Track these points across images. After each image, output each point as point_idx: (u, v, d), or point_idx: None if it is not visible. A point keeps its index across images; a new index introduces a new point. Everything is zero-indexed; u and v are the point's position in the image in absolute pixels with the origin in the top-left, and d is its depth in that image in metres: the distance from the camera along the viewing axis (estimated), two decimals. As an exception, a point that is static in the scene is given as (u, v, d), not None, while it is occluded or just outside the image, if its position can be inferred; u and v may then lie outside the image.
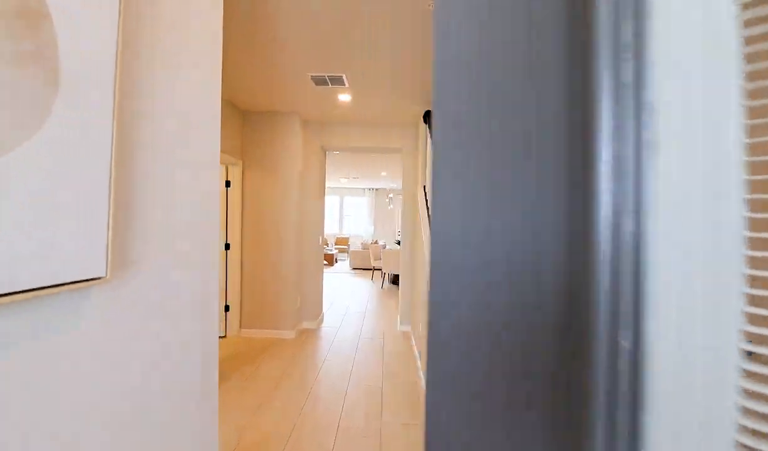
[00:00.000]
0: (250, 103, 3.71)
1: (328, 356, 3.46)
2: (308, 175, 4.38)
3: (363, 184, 11.82)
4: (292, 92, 3.32)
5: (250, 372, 3.07)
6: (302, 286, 4.36)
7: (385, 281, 7.74)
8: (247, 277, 3.97)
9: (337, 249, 11.87)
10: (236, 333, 3.91)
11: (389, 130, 4.32)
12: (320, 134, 4.36)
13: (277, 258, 3.95)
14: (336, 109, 3.81)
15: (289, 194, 3.96)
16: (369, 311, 5.38)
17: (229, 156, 3.63)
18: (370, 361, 3.38)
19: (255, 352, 3.51)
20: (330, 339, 3.98)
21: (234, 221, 3.86)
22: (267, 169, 3.97)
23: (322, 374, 3.07)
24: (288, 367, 3.18)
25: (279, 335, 3.97)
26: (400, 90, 3.21)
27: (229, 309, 3.89)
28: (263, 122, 3.97)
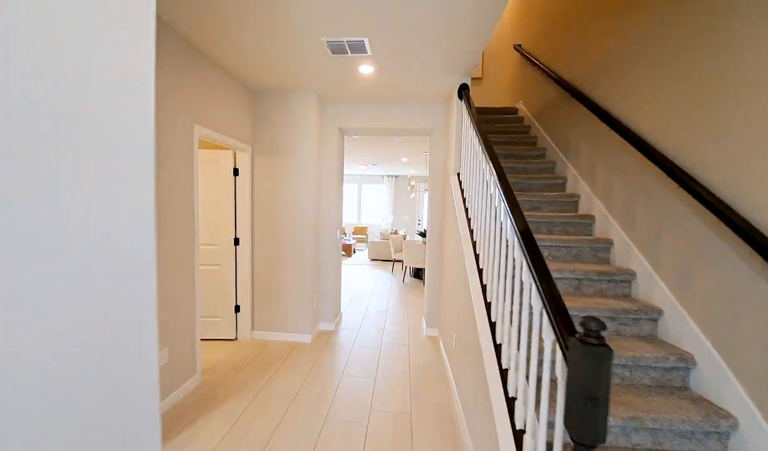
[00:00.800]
0: (260, 80, 3.26)
1: (347, 368, 3.07)
2: (325, 161, 3.93)
3: (382, 171, 11.30)
4: (305, 64, 2.85)
5: (261, 387, 2.71)
6: (319, 284, 3.97)
7: (406, 274, 7.30)
8: (259, 274, 3.61)
9: (355, 239, 11.49)
10: (248, 336, 3.58)
11: (417, 110, 3.79)
12: (338, 115, 3.88)
13: (291, 253, 3.56)
14: (355, 85, 3.31)
15: (304, 183, 3.53)
16: (391, 308, 4.97)
17: (236, 141, 3.22)
18: (395, 375, 2.97)
19: (268, 360, 3.16)
20: (349, 345, 3.59)
21: (243, 213, 3.48)
22: (279, 155, 3.54)
23: (341, 392, 2.67)
24: (302, 382, 2.81)
25: (295, 338, 3.61)
26: (432, 58, 2.68)
27: (240, 310, 3.55)
28: (275, 102, 3.52)
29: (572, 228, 2.72)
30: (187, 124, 2.49)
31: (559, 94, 3.33)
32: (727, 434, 1.52)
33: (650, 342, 1.89)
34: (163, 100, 2.27)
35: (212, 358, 3.16)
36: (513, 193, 1.62)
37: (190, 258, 2.57)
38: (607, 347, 0.85)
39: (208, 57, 2.73)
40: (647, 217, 2.12)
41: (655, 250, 2.05)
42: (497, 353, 1.65)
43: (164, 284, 2.32)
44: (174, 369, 2.44)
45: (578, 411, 0.87)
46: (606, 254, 2.48)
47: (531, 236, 1.38)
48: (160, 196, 2.26)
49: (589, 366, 0.85)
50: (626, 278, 2.21)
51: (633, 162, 2.26)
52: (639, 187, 2.20)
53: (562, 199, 2.92)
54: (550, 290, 1.12)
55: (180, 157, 2.43)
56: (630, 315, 1.96)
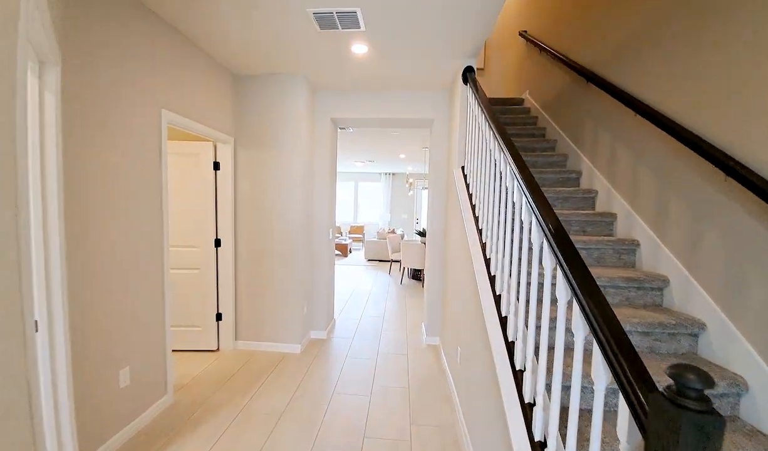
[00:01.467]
0: (242, 63, 2.94)
1: (339, 384, 2.76)
2: (316, 155, 3.62)
3: (379, 168, 10.98)
4: (291, 42, 2.53)
5: (242, 407, 2.40)
6: (310, 288, 3.66)
7: (404, 275, 7.00)
8: (243, 279, 3.29)
9: (352, 238, 11.17)
10: (231, 347, 3.26)
11: (417, 98, 3.48)
12: (331, 105, 3.56)
13: (278, 256, 3.25)
14: (349, 69, 3.00)
15: (293, 178, 3.22)
16: (388, 313, 4.66)
17: (216, 131, 2.90)
18: (392, 392, 2.66)
19: (251, 374, 2.85)
20: (342, 356, 3.28)
21: (225, 212, 3.16)
22: (265, 148, 3.22)
23: (332, 414, 2.36)
24: (289, 401, 2.49)
25: (283, 349, 3.30)
26: (433, 36, 2.37)
27: (222, 318, 3.23)
28: (260, 89, 3.20)
29: (590, 227, 2.43)
30: (152, 108, 2.17)
31: (572, 80, 3.04)
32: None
33: (691, 361, 1.61)
34: (123, 79, 1.95)
35: (189, 373, 2.84)
36: (538, 185, 1.32)
37: (158, 261, 2.25)
38: (717, 414, 0.55)
39: (182, 35, 2.42)
40: (683, 214, 1.83)
41: (693, 251, 1.76)
42: (517, 382, 1.35)
43: (123, 291, 2.00)
44: (138, 390, 2.13)
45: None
46: (631, 257, 2.19)
47: (566, 237, 1.08)
48: (114, 190, 1.94)
49: (687, 444, 0.55)
50: (658, 285, 1.92)
51: (665, 150, 1.97)
52: (673, 179, 1.91)
53: (577, 195, 2.63)
54: (604, 315, 0.82)
55: (143, 146, 2.11)
56: (667, 330, 1.67)
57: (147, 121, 2.14)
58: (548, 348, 1.22)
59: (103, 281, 1.86)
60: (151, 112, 2.16)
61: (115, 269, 1.93)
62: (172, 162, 2.97)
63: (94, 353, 1.82)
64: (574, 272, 0.96)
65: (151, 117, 2.16)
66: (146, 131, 2.13)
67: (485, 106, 2.03)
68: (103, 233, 1.86)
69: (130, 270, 2.03)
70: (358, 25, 2.19)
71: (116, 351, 1.96)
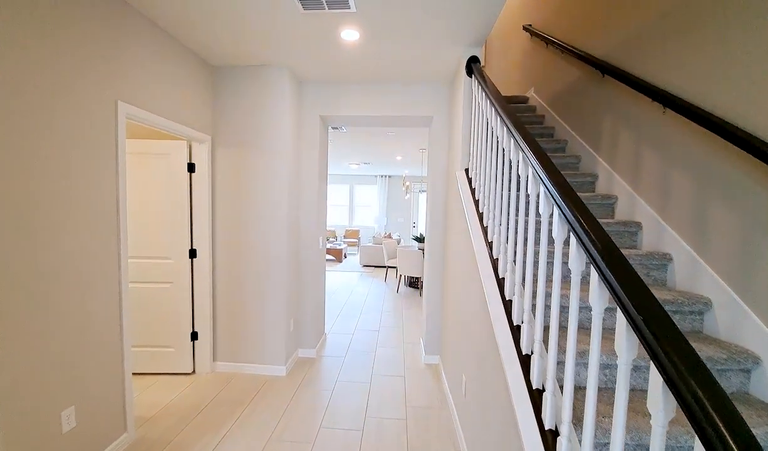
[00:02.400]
0: (219, 51, 2.63)
1: (327, 415, 2.43)
2: (304, 156, 3.31)
3: (375, 170, 10.68)
4: (273, 27, 2.22)
5: (213, 447, 2.07)
6: (298, 302, 3.34)
7: (400, 283, 6.68)
8: (222, 293, 2.96)
9: (347, 243, 10.84)
10: (208, 369, 2.93)
11: (415, 93, 3.18)
12: (320, 100, 3.26)
13: (261, 267, 2.92)
14: (339, 59, 2.70)
15: (278, 182, 2.90)
16: (384, 327, 4.34)
17: (191, 130, 2.59)
18: (387, 425, 2.34)
19: (228, 403, 2.52)
20: (333, 380, 2.95)
21: (201, 219, 2.83)
22: (247, 148, 2.90)
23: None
24: (268, 439, 2.16)
25: (266, 371, 2.97)
26: (434, 18, 2.08)
27: (198, 337, 2.90)
28: (240, 81, 2.89)
29: (612, 238, 2.13)
30: (106, 100, 1.85)
31: (584, 74, 2.77)
32: None
33: (743, 403, 1.32)
34: (66, 66, 1.63)
35: (159, 401, 2.51)
36: (574, 191, 1.02)
37: (113, 276, 1.93)
38: None
39: (147, 19, 2.11)
40: (727, 223, 1.55)
41: (742, 269, 1.48)
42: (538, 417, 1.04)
43: (66, 313, 1.67)
44: (88, 432, 1.79)
45: None
46: (662, 273, 1.91)
47: (621, 257, 0.78)
48: (53, 193, 1.61)
49: None
50: (698, 309, 1.63)
51: (703, 149, 1.69)
52: (713, 182, 1.63)
53: (595, 201, 2.35)
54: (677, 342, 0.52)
55: (93, 143, 1.79)
56: (717, 365, 1.38)
57: (99, 116, 1.82)
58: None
59: (39, 303, 1.53)
60: (103, 103, 1.84)
61: (56, 287, 1.60)
62: (138, 162, 2.64)
63: (26, 393, 1.49)
64: (650, 320, 0.66)
65: (102, 108, 1.84)
66: (97, 125, 1.81)
67: (497, 100, 1.74)
68: (42, 245, 1.53)
69: (75, 287, 1.71)
70: (347, 5, 1.89)
71: (57, 388, 1.63)
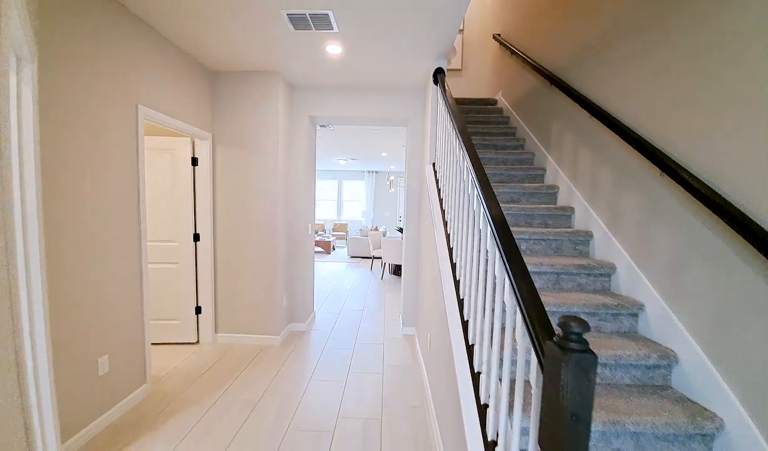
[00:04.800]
0: (219, 60, 2.99)
1: (316, 372, 2.86)
2: (295, 152, 3.69)
3: (362, 166, 11.08)
4: (268, 41, 2.61)
5: (218, 397, 2.47)
6: (290, 282, 3.74)
7: (385, 271, 7.13)
8: (222, 273, 3.34)
9: (335, 236, 11.23)
10: (210, 339, 3.31)
11: (392, 98, 3.60)
12: (309, 103, 3.64)
13: (257, 250, 3.32)
14: (326, 68, 3.09)
15: (272, 175, 3.29)
16: (367, 307, 4.78)
17: (195, 128, 2.95)
18: (367, 378, 2.78)
19: (229, 365, 2.91)
20: (321, 346, 3.38)
21: (204, 207, 3.20)
22: (243, 145, 3.28)
23: (307, 399, 2.46)
24: (266, 388, 2.58)
25: (262, 341, 3.37)
26: (403, 37, 2.49)
27: (201, 311, 3.28)
28: (238, 85, 3.26)
29: (552, 220, 2.60)
30: (129, 104, 2.22)
31: (539, 83, 3.22)
32: (712, 435, 1.41)
33: (632, 339, 1.78)
34: (101, 76, 1.99)
35: (168, 365, 2.89)
36: (486, 177, 1.46)
37: (135, 255, 2.30)
38: (590, 352, 0.69)
39: (156, 31, 2.46)
40: (631, 209, 2.01)
41: (638, 242, 1.94)
42: (469, 355, 1.49)
43: (101, 283, 2.05)
44: (116, 379, 2.18)
45: (555, 430, 0.70)
46: (586, 247, 2.37)
47: (505, 224, 1.22)
48: (90, 184, 1.98)
49: (568, 376, 0.69)
50: (606, 272, 2.10)
51: (616, 151, 2.15)
52: (623, 177, 2.09)
53: (541, 191, 2.80)
54: (527, 287, 0.96)
55: (120, 142, 2.15)
56: (610, 310, 1.85)
57: (123, 117, 2.18)
58: (501, 329, 1.36)
59: (80, 273, 1.90)
60: (127, 107, 2.21)
61: (92, 261, 1.98)
62: (148, 157, 2.99)
63: (73, 341, 1.86)
64: (509, 256, 1.09)
65: (127, 112, 2.21)
66: (123, 126, 2.18)
67: (451, 106, 2.17)
68: (81, 226, 1.90)
69: (108, 262, 2.08)
70: (331, 26, 2.30)
71: (95, 339, 2.01)
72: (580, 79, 2.56)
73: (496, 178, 2.98)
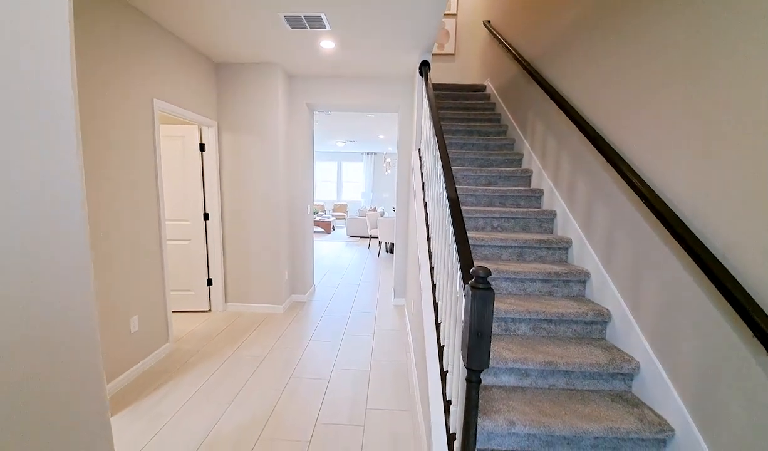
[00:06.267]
0: (223, 54, 3.24)
1: (315, 334, 3.26)
2: (294, 137, 3.97)
3: (360, 148, 11.28)
4: (267, 39, 2.85)
5: (231, 352, 2.87)
6: (292, 257, 4.10)
7: (381, 250, 7.50)
8: (230, 249, 3.70)
9: (335, 216, 11.57)
10: (221, 308, 3.71)
11: (384, 86, 3.85)
12: (306, 91, 3.89)
13: (261, 228, 3.66)
14: (321, 60, 3.34)
15: (273, 159, 3.59)
16: (363, 281, 5.17)
17: (202, 116, 3.23)
18: (359, 340, 3.18)
19: (239, 329, 3.31)
20: (319, 315, 3.78)
21: (212, 189, 3.52)
22: (246, 131, 3.57)
23: (307, 355, 2.87)
24: (272, 347, 2.98)
25: (267, 309, 3.77)
26: (391, 34, 2.73)
27: (212, 283, 3.66)
28: (240, 76, 3.51)
29: (523, 201, 2.91)
30: (146, 99, 2.50)
31: (520, 72, 3.45)
32: (631, 376, 1.76)
33: (577, 301, 2.12)
34: (121, 76, 2.27)
35: (186, 329, 3.29)
36: (450, 165, 1.77)
37: (156, 232, 2.64)
38: (491, 290, 1.03)
39: (167, 31, 2.71)
40: (585, 192, 2.31)
41: (589, 221, 2.25)
42: (435, 310, 1.84)
43: (131, 257, 2.40)
44: (145, 336, 2.56)
45: (468, 344, 1.05)
46: (550, 225, 2.69)
47: (457, 202, 1.54)
48: (120, 172, 2.30)
49: (476, 307, 1.03)
50: (563, 246, 2.42)
51: (573, 138, 2.43)
52: (580, 163, 2.38)
53: (517, 174, 3.10)
54: (463, 249, 1.29)
55: (140, 132, 2.45)
56: (561, 278, 2.18)
57: (142, 109, 2.47)
58: (453, 284, 1.70)
59: (111, 246, 2.25)
60: (145, 101, 2.49)
61: (120, 237, 2.32)
62: (162, 144, 3.29)
63: (110, 302, 2.23)
64: (456, 227, 1.42)
65: (145, 105, 2.49)
66: (141, 119, 2.47)
67: (430, 97, 2.45)
68: (109, 207, 2.23)
69: (134, 237, 2.43)
70: (324, 26, 2.54)
71: (127, 301, 2.38)
72: (551, 71, 2.81)
73: (476, 163, 3.27)
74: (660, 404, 1.58)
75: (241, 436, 1.92)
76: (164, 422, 2.01)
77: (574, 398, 1.69)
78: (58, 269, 0.97)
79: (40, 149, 0.91)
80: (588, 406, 1.63)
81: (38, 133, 0.90)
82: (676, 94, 1.58)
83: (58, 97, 0.97)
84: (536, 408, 1.60)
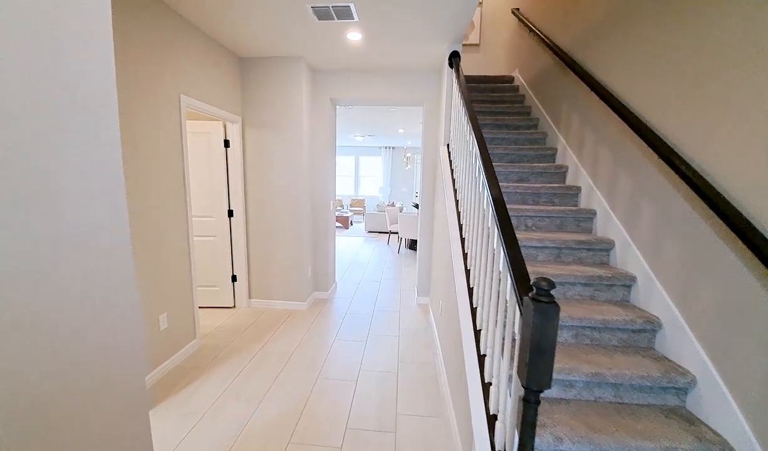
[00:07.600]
0: (248, 48, 3.20)
1: (340, 332, 3.23)
2: (317, 132, 3.92)
3: (379, 142, 11.17)
4: (293, 31, 2.78)
5: (258, 349, 2.87)
6: (314, 254, 4.07)
7: (401, 245, 7.42)
8: (254, 245, 3.70)
9: (353, 211, 11.55)
10: (245, 304, 3.72)
11: (409, 79, 3.73)
12: (329, 85, 3.82)
13: (285, 224, 3.64)
14: (346, 53, 3.25)
15: (296, 154, 3.55)
16: (384, 279, 5.11)
17: (226, 112, 3.21)
18: (384, 339, 3.12)
19: (264, 325, 3.31)
20: (342, 312, 3.74)
21: (236, 185, 3.51)
22: (270, 127, 3.53)
23: (333, 355, 2.83)
24: (297, 344, 2.96)
25: (290, 306, 3.76)
26: (422, 23, 2.62)
27: (237, 279, 3.67)
28: (264, 70, 3.47)
29: (558, 199, 2.77)
30: (173, 95, 2.48)
31: (554, 62, 3.27)
32: (685, 390, 1.63)
33: (622, 307, 1.99)
34: (148, 72, 2.25)
35: (212, 324, 3.31)
36: (491, 163, 1.66)
37: (183, 229, 2.64)
38: (554, 304, 0.93)
39: (193, 25, 2.68)
40: (629, 190, 2.16)
41: (633, 220, 2.11)
42: (473, 316, 1.75)
43: (159, 254, 2.40)
44: (173, 333, 2.58)
45: (528, 362, 0.96)
46: (589, 224, 2.55)
47: (503, 203, 1.43)
48: (148, 169, 2.29)
49: (538, 322, 0.93)
50: (605, 247, 2.28)
51: (619, 134, 2.27)
52: (624, 159, 2.23)
53: (550, 170, 2.95)
54: (515, 255, 1.20)
55: (168, 130, 2.44)
56: (604, 281, 2.05)
57: (170, 106, 2.45)
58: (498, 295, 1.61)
59: (140, 244, 2.25)
60: (172, 98, 2.47)
61: (149, 234, 2.32)
62: (188, 141, 3.29)
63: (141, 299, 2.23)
64: (504, 231, 1.32)
65: (172, 102, 2.48)
66: (168, 115, 2.45)
67: (464, 92, 2.33)
68: (139, 205, 2.23)
69: (162, 234, 2.43)
70: (352, 16, 2.45)
71: (157, 299, 2.39)
72: (589, 60, 2.64)
73: (507, 159, 3.13)
74: (719, 422, 1.46)
75: (271, 437, 1.89)
76: (195, 420, 2.01)
77: (623, 413, 1.58)
78: (105, 269, 1.00)
79: (86, 154, 0.89)
80: (640, 422, 1.51)
81: (85, 140, 0.89)
82: (750, 83, 1.41)
83: (102, 98, 0.95)
84: (583, 423, 1.50)
